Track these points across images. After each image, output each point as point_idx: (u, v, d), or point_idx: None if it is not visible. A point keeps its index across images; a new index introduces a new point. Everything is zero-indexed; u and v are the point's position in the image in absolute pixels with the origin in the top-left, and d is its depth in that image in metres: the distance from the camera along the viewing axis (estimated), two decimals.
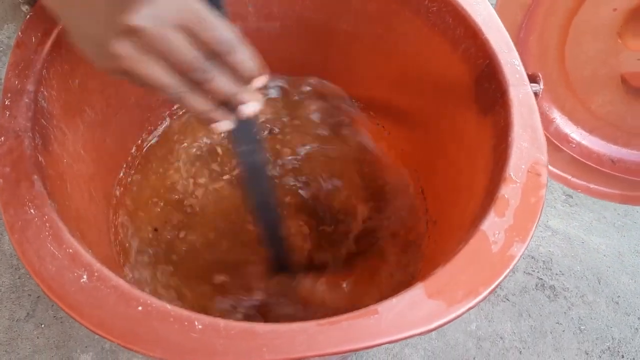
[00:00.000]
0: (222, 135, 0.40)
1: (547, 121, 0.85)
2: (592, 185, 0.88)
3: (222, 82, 0.36)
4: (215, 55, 0.35)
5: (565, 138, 0.85)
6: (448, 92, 0.58)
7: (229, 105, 0.38)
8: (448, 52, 0.55)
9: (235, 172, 0.67)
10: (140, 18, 0.32)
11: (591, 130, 0.86)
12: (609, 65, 0.79)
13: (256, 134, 0.46)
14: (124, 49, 0.33)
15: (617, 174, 0.86)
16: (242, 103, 0.39)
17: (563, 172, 0.89)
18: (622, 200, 0.88)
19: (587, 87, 0.81)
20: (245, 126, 0.43)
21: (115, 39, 0.33)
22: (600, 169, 0.86)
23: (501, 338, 0.81)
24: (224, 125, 0.39)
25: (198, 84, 0.36)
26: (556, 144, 0.87)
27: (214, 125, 0.39)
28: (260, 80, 0.39)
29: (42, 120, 0.43)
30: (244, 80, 0.37)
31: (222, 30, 0.35)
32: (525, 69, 0.48)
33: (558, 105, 0.84)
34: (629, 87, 0.80)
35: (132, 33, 0.33)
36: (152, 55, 0.34)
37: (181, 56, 0.34)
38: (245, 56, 0.36)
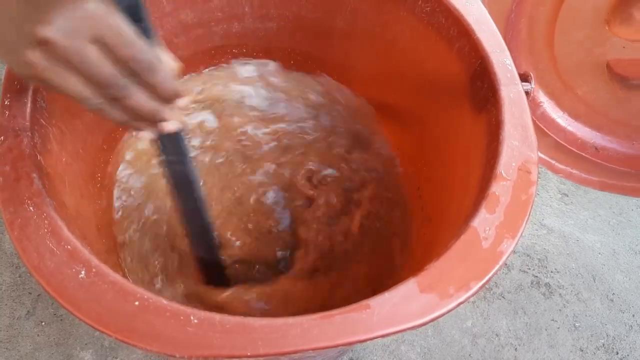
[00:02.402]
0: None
1: (534, 105, 0.86)
2: (574, 171, 0.89)
3: (141, 100, 0.36)
4: (134, 73, 0.34)
5: (552, 123, 0.86)
6: (444, 90, 0.59)
7: (149, 120, 0.38)
8: (444, 50, 0.55)
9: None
10: (51, 29, 0.31)
11: (577, 117, 0.86)
12: (596, 52, 0.80)
13: (181, 146, 0.45)
14: (36, 59, 0.32)
15: (599, 161, 0.87)
16: (162, 120, 0.38)
17: (547, 157, 0.89)
18: (601, 187, 0.89)
19: (574, 73, 0.82)
20: (169, 138, 0.43)
21: (27, 48, 0.32)
22: (584, 155, 0.87)
23: (497, 335, 0.81)
24: (147, 134, 0.40)
25: (116, 99, 0.35)
26: (542, 128, 0.88)
27: (136, 133, 0.38)
28: (181, 102, 0.38)
29: (42, 120, 0.44)
30: (164, 100, 0.37)
31: (141, 49, 0.34)
32: (515, 54, 0.49)
33: (546, 90, 0.85)
34: (613, 74, 0.81)
35: (43, 44, 0.32)
36: (66, 67, 0.33)
37: (95, 71, 0.33)
38: (165, 77, 0.36)
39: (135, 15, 0.35)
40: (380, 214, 0.66)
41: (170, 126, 0.39)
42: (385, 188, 0.68)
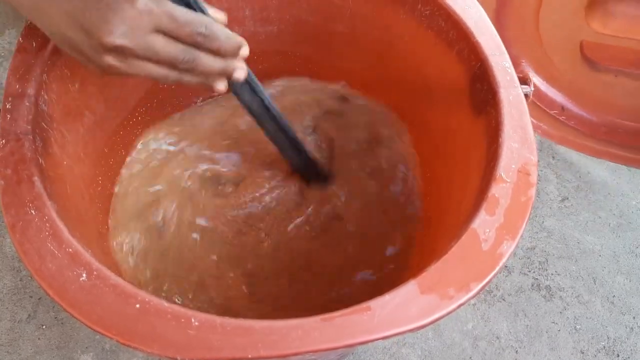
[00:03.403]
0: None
1: (514, 62, 0.91)
2: (540, 124, 0.96)
3: (210, 62, 0.41)
4: (196, 43, 0.39)
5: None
6: (444, 93, 0.59)
7: (222, 76, 0.43)
8: (443, 53, 0.56)
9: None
10: (117, 38, 0.35)
11: (550, 81, 0.93)
12: (573, 31, 0.84)
13: (253, 88, 0.51)
14: (113, 62, 0.37)
15: (563, 119, 0.94)
16: (232, 73, 0.44)
17: None
18: (560, 141, 0.96)
19: (554, 47, 0.87)
20: (242, 85, 0.50)
21: (102, 55, 0.37)
22: (550, 112, 0.95)
23: (497, 338, 0.81)
24: (222, 86, 0.45)
25: (189, 70, 0.40)
26: None
27: (214, 89, 0.44)
28: (243, 51, 0.43)
29: (43, 124, 0.44)
30: (229, 54, 0.42)
31: (195, 23, 0.38)
32: (503, 28, 0.50)
33: (527, 53, 0.90)
34: (584, 55, 0.86)
35: (114, 50, 0.36)
36: (140, 59, 0.38)
37: (164, 55, 0.38)
38: (223, 38, 0.40)
39: None
40: (381, 216, 0.66)
41: (239, 74, 0.45)
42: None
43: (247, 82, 0.50)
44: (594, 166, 1.00)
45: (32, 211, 0.38)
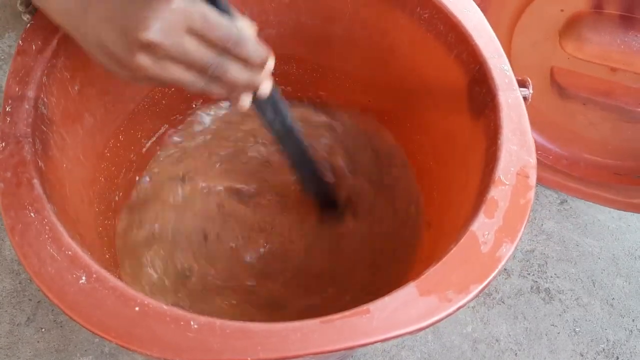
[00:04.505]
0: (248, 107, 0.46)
1: None
2: None
3: (237, 72, 0.40)
4: (226, 50, 0.39)
5: None
6: (443, 96, 0.59)
7: (247, 89, 0.43)
8: (442, 56, 0.56)
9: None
10: (152, 33, 0.35)
11: None
12: (544, 57, 0.85)
13: (278, 105, 0.51)
14: (145, 62, 0.37)
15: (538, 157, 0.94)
16: (257, 87, 0.43)
17: None
18: (538, 180, 0.94)
19: (523, 68, 0.87)
20: (266, 101, 0.48)
21: (135, 54, 0.36)
22: None
23: (497, 340, 0.81)
24: (246, 102, 0.44)
25: (215, 78, 0.39)
26: None
27: (238, 104, 0.44)
28: (269, 64, 0.43)
29: (42, 126, 0.44)
30: (256, 67, 0.41)
31: (226, 28, 0.38)
32: None
33: None
34: (553, 80, 0.86)
35: (149, 47, 0.36)
36: (171, 61, 0.37)
37: (195, 58, 0.38)
38: (252, 47, 0.40)
39: None
40: (381, 221, 0.66)
41: (265, 90, 0.45)
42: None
43: (271, 98, 0.48)
44: None
45: (32, 214, 0.38)
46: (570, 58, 0.82)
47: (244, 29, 0.41)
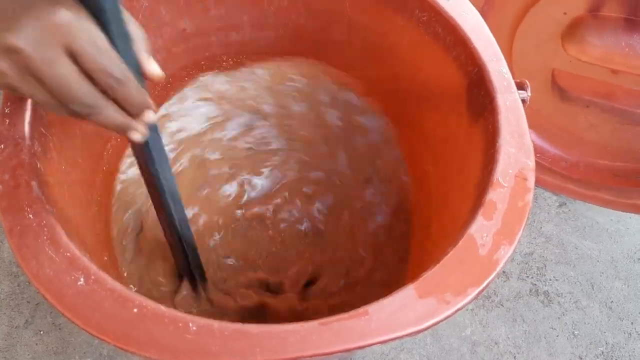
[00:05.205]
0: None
1: None
2: None
3: (109, 115, 0.35)
4: (106, 85, 0.33)
5: None
6: (441, 98, 0.59)
7: (118, 130, 0.37)
8: (441, 59, 0.56)
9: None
10: (19, 38, 0.30)
11: None
12: (546, 59, 0.85)
13: (151, 157, 0.44)
14: (5, 68, 0.32)
15: (538, 159, 0.94)
16: (127, 132, 0.38)
17: None
18: (537, 182, 0.94)
19: (524, 71, 0.88)
20: (140, 148, 0.43)
21: None
22: None
23: (496, 343, 0.81)
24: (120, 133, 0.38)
25: (83, 116, 0.35)
26: None
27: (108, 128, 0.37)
28: (147, 115, 0.38)
29: (41, 128, 0.44)
30: (133, 112, 0.36)
31: (112, 60, 0.33)
32: None
33: None
34: (555, 83, 0.87)
35: (12, 52, 0.31)
36: (34, 77, 0.32)
37: (63, 88, 0.32)
38: (134, 90, 0.35)
39: (112, 18, 0.33)
40: (379, 223, 0.66)
41: (135, 137, 0.38)
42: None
43: (146, 147, 0.42)
44: None
45: (30, 216, 0.38)
46: (572, 61, 0.83)
47: (143, 65, 0.37)
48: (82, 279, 0.36)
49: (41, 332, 0.75)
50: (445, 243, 0.44)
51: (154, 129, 0.41)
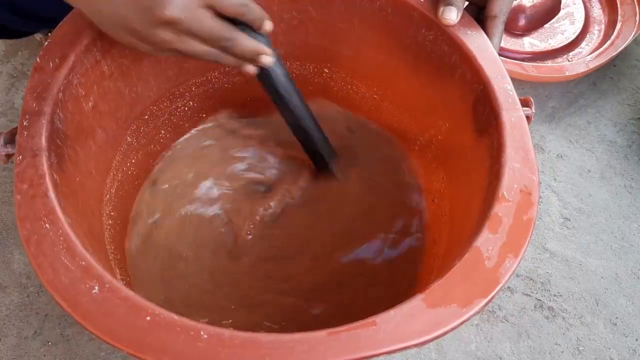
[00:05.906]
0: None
1: None
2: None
3: (244, 41, 0.47)
4: (235, 20, 0.45)
5: None
6: (447, 114, 0.60)
7: (252, 58, 0.49)
8: (447, 77, 0.57)
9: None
10: (173, 10, 0.40)
11: None
12: None
13: (279, 77, 0.55)
14: (167, 36, 0.42)
15: None
16: (261, 54, 0.49)
17: None
18: None
19: None
20: (268, 73, 0.54)
21: (157, 29, 0.41)
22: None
23: (500, 358, 0.81)
24: (251, 69, 0.51)
25: (227, 48, 0.46)
26: None
27: (244, 70, 0.51)
28: (267, 25, 0.49)
29: (58, 141, 0.45)
30: (257, 26, 0.48)
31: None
32: None
33: None
34: None
35: (170, 23, 0.41)
36: (189, 35, 0.43)
37: (210, 32, 0.43)
38: (254, 12, 0.46)
39: None
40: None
41: (266, 60, 0.50)
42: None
43: (273, 67, 0.53)
44: (595, 189, 1.01)
45: (47, 225, 0.39)
46: None
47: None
48: (96, 287, 0.37)
49: (49, 344, 0.76)
50: (452, 255, 0.45)
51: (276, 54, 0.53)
